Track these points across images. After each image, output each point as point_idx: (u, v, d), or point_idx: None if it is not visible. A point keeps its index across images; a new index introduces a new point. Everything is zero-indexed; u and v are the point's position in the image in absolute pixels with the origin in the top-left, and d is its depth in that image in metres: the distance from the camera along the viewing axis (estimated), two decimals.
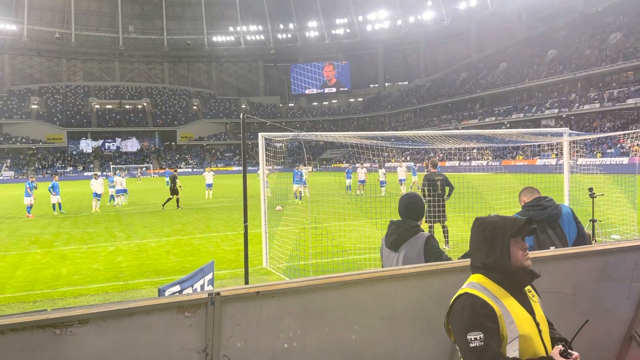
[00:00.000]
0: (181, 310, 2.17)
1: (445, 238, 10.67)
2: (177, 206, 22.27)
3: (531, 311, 2.14)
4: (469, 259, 3.03)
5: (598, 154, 44.64)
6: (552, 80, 58.72)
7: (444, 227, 10.70)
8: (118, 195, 24.87)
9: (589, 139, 44.43)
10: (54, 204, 21.46)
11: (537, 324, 2.14)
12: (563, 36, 65.58)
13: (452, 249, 10.36)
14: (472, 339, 1.98)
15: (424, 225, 3.78)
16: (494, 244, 2.13)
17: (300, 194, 22.50)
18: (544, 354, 2.11)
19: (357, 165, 30.76)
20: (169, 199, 22.55)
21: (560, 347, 2.13)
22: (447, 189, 10.82)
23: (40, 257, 11.53)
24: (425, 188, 10.66)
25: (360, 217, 14.79)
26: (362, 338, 2.69)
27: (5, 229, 16.77)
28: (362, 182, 25.93)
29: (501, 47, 75.97)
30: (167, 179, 43.66)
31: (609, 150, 45.37)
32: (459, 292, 2.16)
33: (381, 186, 25.06)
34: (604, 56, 54.00)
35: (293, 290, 2.42)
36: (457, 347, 2.11)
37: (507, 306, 2.07)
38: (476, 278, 2.18)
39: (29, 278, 9.38)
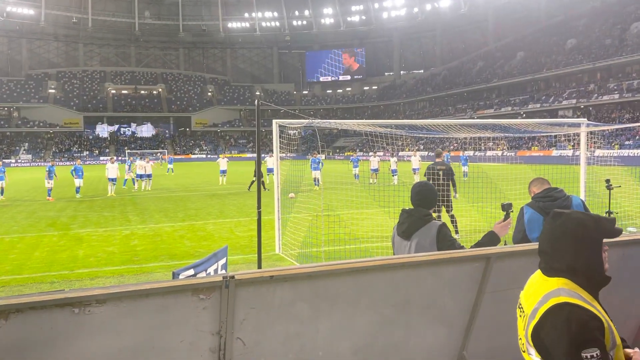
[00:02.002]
0: (196, 292, 2.20)
1: (454, 227, 10.65)
2: (264, 188, 21.57)
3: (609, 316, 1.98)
4: (480, 248, 3.03)
5: (616, 146, 43.95)
6: (571, 70, 57.72)
7: (451, 216, 10.69)
8: (142, 180, 25.23)
9: (607, 130, 43.71)
10: (77, 187, 22.00)
11: None
12: (583, 25, 64.29)
13: (463, 238, 10.33)
14: (589, 356, 1.77)
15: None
16: (586, 246, 1.93)
17: (318, 180, 22.71)
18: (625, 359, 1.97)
19: (370, 154, 30.70)
20: (253, 182, 22.81)
21: (637, 350, 2.00)
22: (450, 184, 10.82)
23: (57, 239, 11.73)
24: (427, 178, 10.64)
25: (372, 205, 14.78)
26: (373, 324, 2.71)
27: (24, 211, 17.07)
28: (375, 170, 25.87)
29: (519, 36, 74.71)
30: (170, 166, 42.56)
31: (627, 142, 44.63)
32: (553, 301, 1.88)
33: (393, 175, 25.01)
34: (624, 46, 52.90)
35: (306, 275, 2.43)
36: None
37: (604, 314, 1.91)
38: (564, 283, 1.93)
39: (46, 259, 9.56)
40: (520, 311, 2.07)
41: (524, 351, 2.01)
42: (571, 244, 1.94)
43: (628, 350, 2.01)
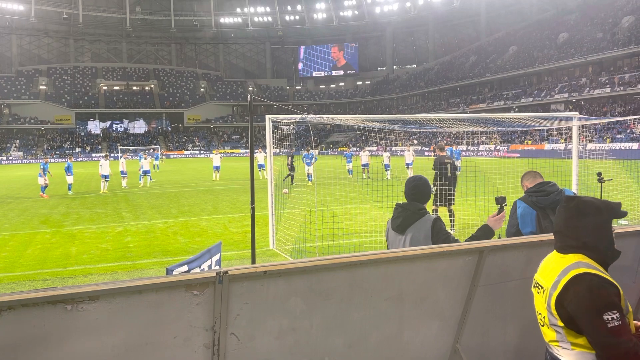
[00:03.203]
0: (190, 288, 2.19)
1: (451, 222, 10.68)
2: (292, 182, 22.15)
3: None
4: (473, 242, 3.04)
5: (607, 139, 44.22)
6: (563, 64, 57.96)
7: (450, 211, 10.71)
8: (123, 177, 25.02)
9: (599, 123, 44.00)
10: (69, 184, 22.10)
11: None
12: (575, 19, 64.54)
13: (458, 232, 10.37)
14: (610, 319, 1.96)
15: (428, 208, 3.77)
16: (597, 224, 2.14)
17: (311, 175, 22.75)
18: (634, 329, 2.16)
19: (359, 149, 30.75)
20: (288, 175, 22.94)
21: None
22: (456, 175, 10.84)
23: (50, 236, 11.66)
24: (436, 171, 10.66)
25: (366, 200, 14.80)
26: (367, 318, 2.71)
27: (15, 209, 16.95)
28: (365, 165, 25.91)
29: (511, 30, 74.91)
30: (157, 162, 41.61)
31: (618, 136, 44.91)
32: (574, 272, 2.08)
33: (386, 170, 25.06)
34: (615, 40, 53.17)
35: (300, 270, 2.43)
36: (577, 330, 2.07)
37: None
38: (580, 258, 2.14)
39: (39, 257, 9.51)
40: (538, 289, 2.24)
41: (542, 325, 2.20)
42: (584, 222, 2.16)
43: (638, 323, 2.23)
